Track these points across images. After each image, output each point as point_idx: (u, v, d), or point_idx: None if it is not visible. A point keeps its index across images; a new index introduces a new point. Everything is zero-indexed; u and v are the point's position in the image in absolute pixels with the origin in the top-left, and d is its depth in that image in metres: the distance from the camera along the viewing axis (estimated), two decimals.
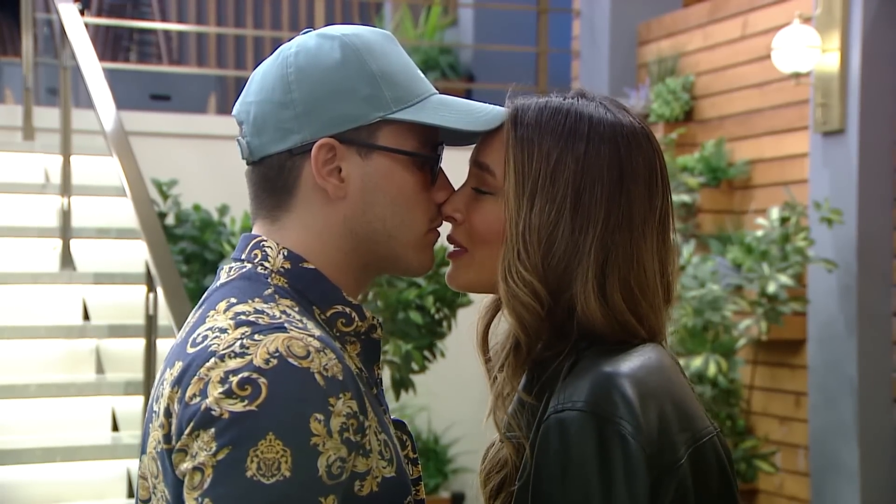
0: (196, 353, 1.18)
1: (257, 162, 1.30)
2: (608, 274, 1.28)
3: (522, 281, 1.28)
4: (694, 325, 5.07)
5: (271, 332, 1.16)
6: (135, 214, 3.88)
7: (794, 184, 5.47)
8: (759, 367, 5.57)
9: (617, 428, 1.20)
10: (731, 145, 5.89)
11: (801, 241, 5.11)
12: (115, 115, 4.29)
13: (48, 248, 4.73)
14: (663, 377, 1.27)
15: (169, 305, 3.55)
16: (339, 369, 1.16)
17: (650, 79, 6.31)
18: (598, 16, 6.70)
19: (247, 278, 1.26)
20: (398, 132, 1.28)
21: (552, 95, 1.34)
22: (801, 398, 5.44)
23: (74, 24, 4.70)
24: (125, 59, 7.89)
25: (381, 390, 1.32)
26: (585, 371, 1.24)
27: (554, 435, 1.22)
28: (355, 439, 1.16)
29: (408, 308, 4.44)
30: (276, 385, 1.13)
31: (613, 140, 1.30)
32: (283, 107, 1.27)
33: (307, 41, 1.30)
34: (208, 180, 5.61)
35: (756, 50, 5.75)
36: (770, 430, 5.56)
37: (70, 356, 4.30)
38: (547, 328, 1.29)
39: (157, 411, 1.21)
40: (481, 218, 1.32)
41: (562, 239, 1.28)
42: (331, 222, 1.28)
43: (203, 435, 1.13)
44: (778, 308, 5.12)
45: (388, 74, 1.28)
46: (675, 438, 1.24)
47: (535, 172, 1.29)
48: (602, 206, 1.28)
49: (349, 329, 1.28)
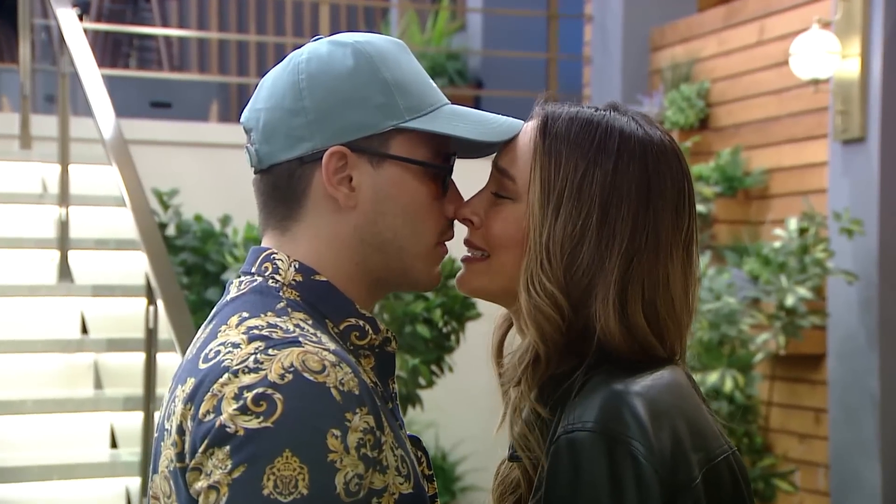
0: (209, 369, 1.18)
1: (266, 170, 1.30)
2: (630, 294, 1.28)
3: (545, 291, 1.28)
4: (710, 340, 5.06)
5: (286, 346, 1.17)
6: (134, 225, 3.89)
7: (813, 193, 5.47)
8: (777, 382, 5.56)
9: (628, 448, 1.20)
10: (747, 154, 5.88)
11: (821, 252, 5.10)
12: (114, 123, 4.30)
13: (45, 259, 4.73)
14: (676, 395, 1.27)
15: (169, 318, 3.55)
16: (356, 384, 1.16)
17: (664, 85, 6.31)
18: (611, 21, 6.71)
19: (258, 292, 1.26)
20: (411, 141, 1.29)
21: (584, 106, 1.35)
22: (820, 415, 5.42)
23: (73, 30, 4.71)
24: (125, 66, 7.92)
25: (396, 405, 1.32)
26: (596, 390, 1.24)
27: (564, 456, 1.22)
28: (372, 455, 1.16)
29: (415, 321, 4.44)
30: (291, 400, 1.13)
31: (643, 158, 1.30)
32: (293, 114, 1.28)
33: (319, 48, 1.31)
34: (210, 190, 5.62)
35: (773, 56, 5.75)
36: (789, 447, 5.55)
37: (68, 371, 4.30)
38: (563, 344, 1.29)
39: (168, 429, 1.21)
40: (500, 223, 1.33)
41: (586, 253, 1.28)
42: (341, 232, 1.29)
43: (218, 452, 1.13)
44: (796, 321, 5.10)
45: (401, 83, 1.29)
46: (689, 458, 1.23)
47: (562, 183, 1.29)
48: (628, 224, 1.28)
49: (363, 342, 1.28)
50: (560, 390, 1.28)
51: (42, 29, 7.09)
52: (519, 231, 1.31)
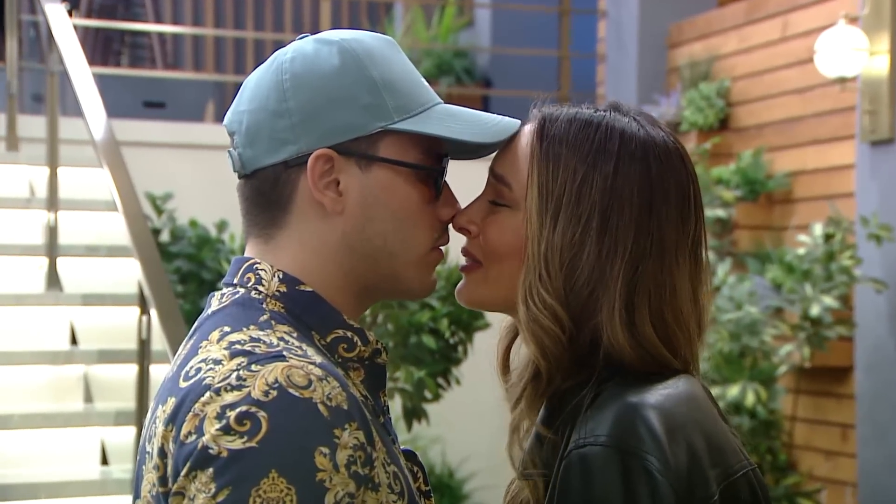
0: (189, 388, 1.18)
1: (250, 175, 1.30)
2: (637, 303, 1.28)
3: (543, 304, 1.28)
4: (730, 351, 5.06)
5: (269, 361, 1.17)
6: (127, 231, 3.90)
7: (840, 197, 5.47)
8: (801, 396, 5.56)
9: (643, 463, 1.20)
10: (769, 156, 5.89)
11: (847, 259, 5.10)
12: (105, 124, 4.32)
13: (33, 267, 4.75)
14: (693, 408, 1.27)
15: (163, 329, 3.56)
16: (344, 398, 1.16)
17: (682, 84, 6.32)
18: (626, 16, 6.72)
19: (240, 304, 1.26)
20: (401, 143, 1.29)
21: (583, 107, 1.35)
22: (848, 430, 5.42)
23: (62, 26, 4.74)
24: (116, 64, 7.95)
25: (388, 418, 1.33)
26: (608, 403, 1.25)
27: (576, 472, 1.22)
28: (363, 472, 1.16)
29: (420, 331, 4.44)
30: (276, 418, 1.13)
31: (645, 160, 1.30)
32: (277, 116, 1.28)
33: (304, 46, 1.32)
34: (206, 194, 5.64)
35: (797, 53, 5.75)
36: (814, 465, 5.54)
37: (56, 384, 4.32)
38: (568, 357, 1.30)
39: (150, 452, 1.22)
40: (496, 232, 1.34)
41: (587, 262, 1.28)
42: (328, 239, 1.29)
43: (201, 475, 1.13)
44: (822, 332, 5.10)
45: (390, 82, 1.29)
46: (707, 474, 1.24)
47: (560, 189, 1.29)
48: (630, 230, 1.28)
49: (352, 354, 1.28)
50: (570, 405, 1.29)
51: (30, 25, 7.11)
52: (517, 240, 1.31)
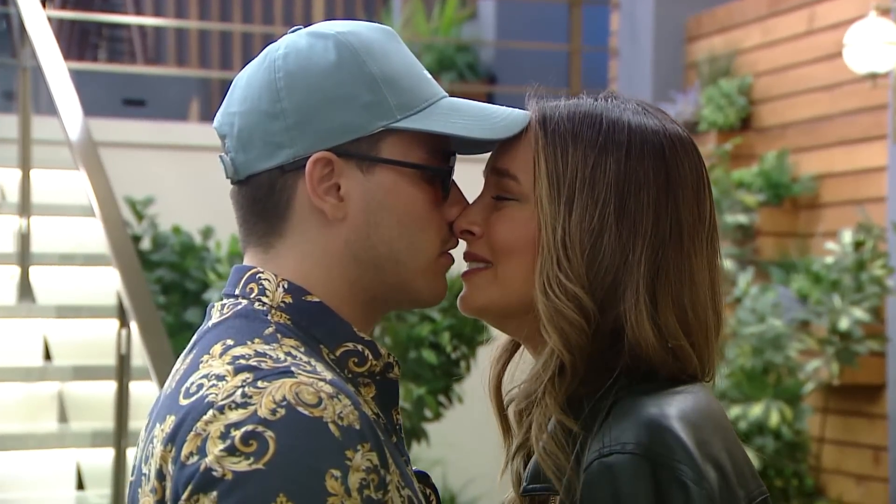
0: (191, 405, 1.18)
1: (244, 181, 1.30)
2: (659, 291, 1.29)
3: (565, 293, 1.28)
4: (752, 367, 5.05)
5: (276, 377, 1.16)
6: (105, 237, 3.90)
7: (870, 202, 5.46)
8: (830, 416, 5.55)
9: (676, 474, 1.19)
10: (795, 157, 5.89)
11: (879, 268, 5.10)
12: (82, 123, 4.31)
13: (4, 276, 4.74)
14: (716, 424, 1.27)
15: (144, 343, 3.56)
16: (356, 417, 1.16)
17: (700, 81, 6.32)
18: (640, 8, 6.72)
19: (243, 316, 1.26)
20: (404, 142, 1.29)
21: (581, 97, 1.37)
22: (880, 453, 5.41)
23: (35, 18, 4.74)
24: (94, 59, 7.95)
25: (401, 438, 1.32)
26: (628, 411, 1.24)
27: (600, 482, 1.21)
28: (376, 497, 1.16)
29: (420, 346, 4.44)
30: (285, 438, 1.13)
31: (657, 143, 1.32)
32: (271, 117, 1.28)
33: (297, 41, 1.31)
34: (190, 198, 5.63)
35: (825, 47, 5.75)
36: (844, 490, 5.53)
37: (29, 402, 4.31)
38: (587, 357, 1.29)
39: (146, 474, 1.21)
40: (506, 226, 1.33)
41: (608, 247, 1.29)
42: (331, 248, 1.28)
43: (203, 499, 1.13)
44: (852, 347, 5.09)
45: (391, 77, 1.29)
46: (737, 493, 1.24)
47: (572, 175, 1.30)
48: (650, 213, 1.30)
49: (362, 369, 1.28)
50: (583, 414, 1.28)
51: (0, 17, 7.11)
52: (528, 232, 1.32)
